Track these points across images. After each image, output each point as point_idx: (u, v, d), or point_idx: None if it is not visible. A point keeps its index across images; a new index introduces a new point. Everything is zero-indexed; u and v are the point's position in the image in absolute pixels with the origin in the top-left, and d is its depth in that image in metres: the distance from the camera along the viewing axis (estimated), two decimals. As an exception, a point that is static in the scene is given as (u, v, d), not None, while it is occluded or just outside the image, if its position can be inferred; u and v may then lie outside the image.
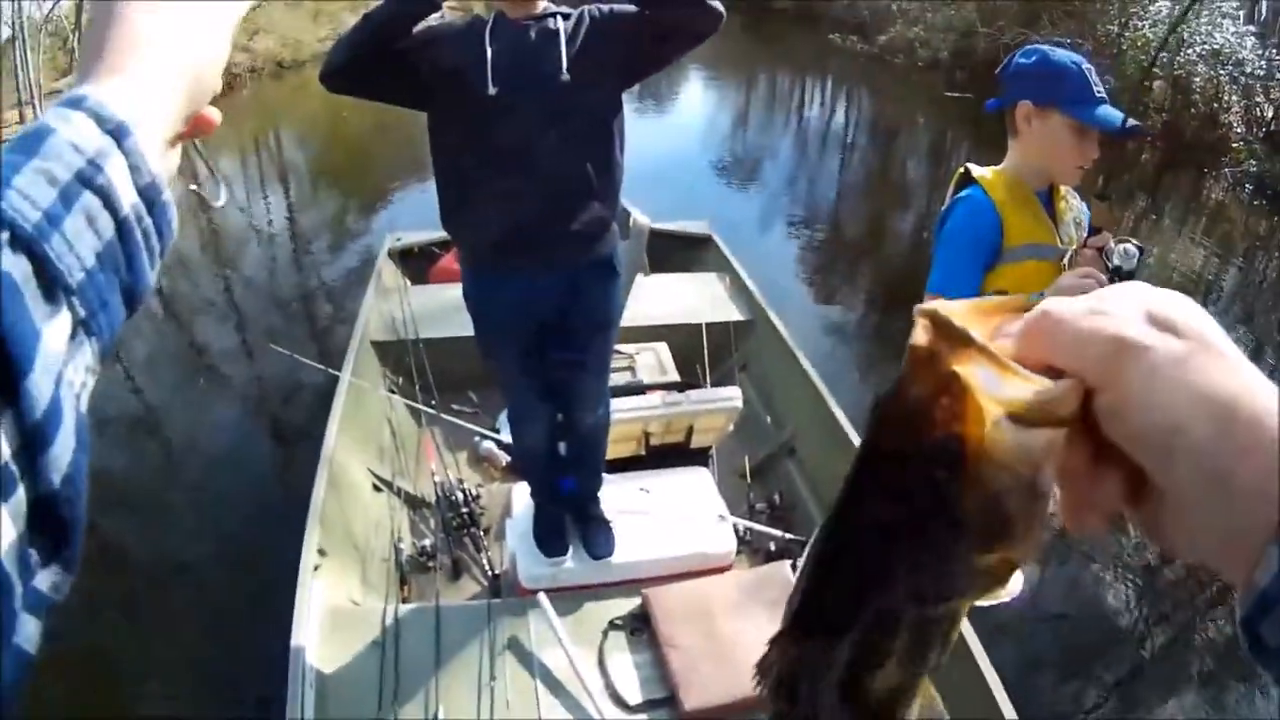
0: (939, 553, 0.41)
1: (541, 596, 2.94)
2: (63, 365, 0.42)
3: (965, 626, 2.67)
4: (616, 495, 3.30)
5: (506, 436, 3.87)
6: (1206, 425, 0.37)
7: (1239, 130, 12.15)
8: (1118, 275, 2.07)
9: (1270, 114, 12.09)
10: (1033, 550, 0.42)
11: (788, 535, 3.39)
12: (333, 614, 2.94)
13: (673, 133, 13.81)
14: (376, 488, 3.87)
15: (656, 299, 4.88)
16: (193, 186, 0.70)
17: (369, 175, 12.26)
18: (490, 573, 3.40)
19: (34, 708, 3.50)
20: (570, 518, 3.21)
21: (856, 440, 3.54)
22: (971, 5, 17.57)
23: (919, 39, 18.05)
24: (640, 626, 2.91)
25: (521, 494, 3.36)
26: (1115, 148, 2.20)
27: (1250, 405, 0.37)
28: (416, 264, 5.85)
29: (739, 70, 19.14)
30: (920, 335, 0.41)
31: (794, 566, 3.04)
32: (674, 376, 4.20)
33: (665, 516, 3.27)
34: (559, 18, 2.49)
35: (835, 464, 3.60)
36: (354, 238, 9.79)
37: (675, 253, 5.80)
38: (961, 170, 2.26)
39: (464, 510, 3.64)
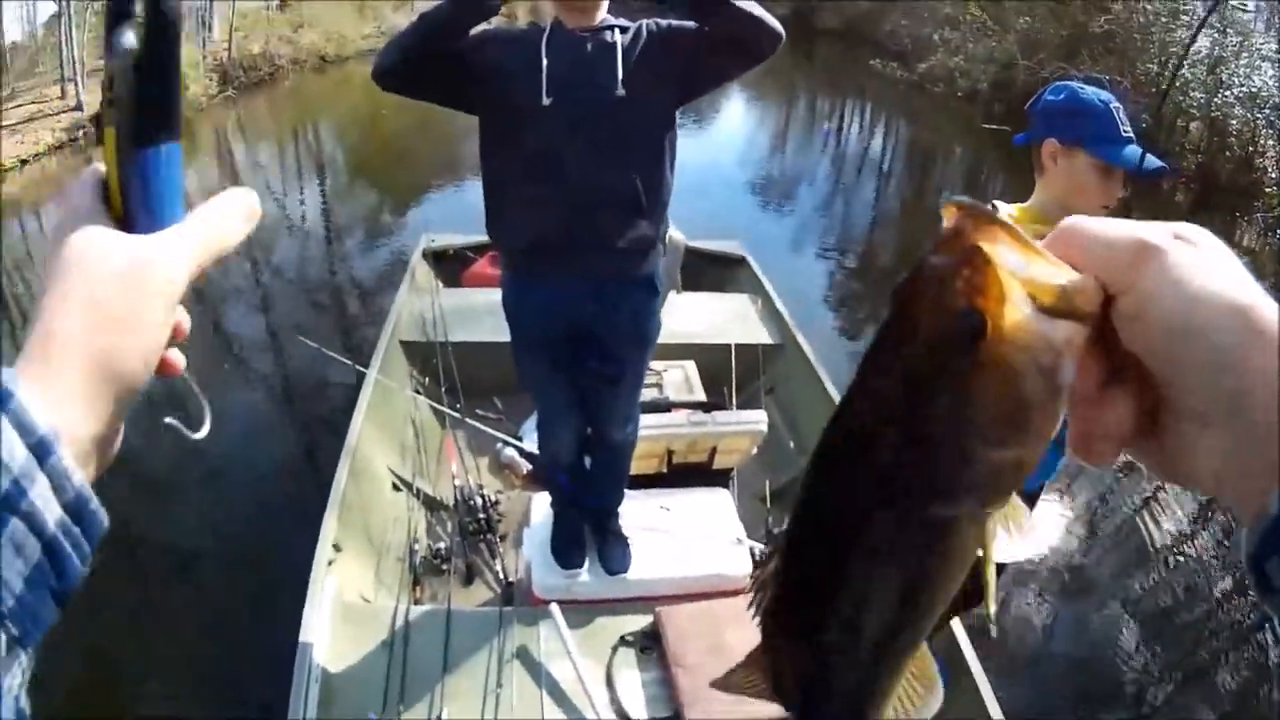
0: (949, 443, 0.41)
1: (554, 607, 2.93)
2: None
3: (959, 633, 2.64)
4: (636, 511, 3.29)
5: (529, 445, 3.89)
6: (1223, 333, 0.38)
7: (1274, 175, 12.08)
8: None
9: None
10: (1040, 453, 0.42)
11: None
12: (344, 609, 2.95)
13: (711, 149, 13.78)
14: (396, 487, 3.88)
15: (687, 317, 4.87)
16: (169, 420, 0.67)
17: (404, 174, 12.32)
18: (503, 580, 3.39)
19: (35, 700, 3.54)
20: (589, 531, 3.21)
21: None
22: (1012, 37, 17.58)
23: (959, 69, 18.03)
24: (650, 644, 2.90)
25: (541, 504, 3.36)
26: (1147, 187, 2.21)
27: (1266, 319, 0.38)
28: (450, 266, 5.89)
29: (780, 90, 19.18)
30: (948, 218, 0.41)
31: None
32: (700, 396, 4.20)
33: (683, 536, 3.26)
34: (616, 30, 2.46)
35: None
36: (386, 235, 9.83)
37: (708, 271, 5.79)
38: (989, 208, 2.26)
39: (481, 516, 3.64)
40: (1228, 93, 12.74)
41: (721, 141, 14.88)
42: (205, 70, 19.24)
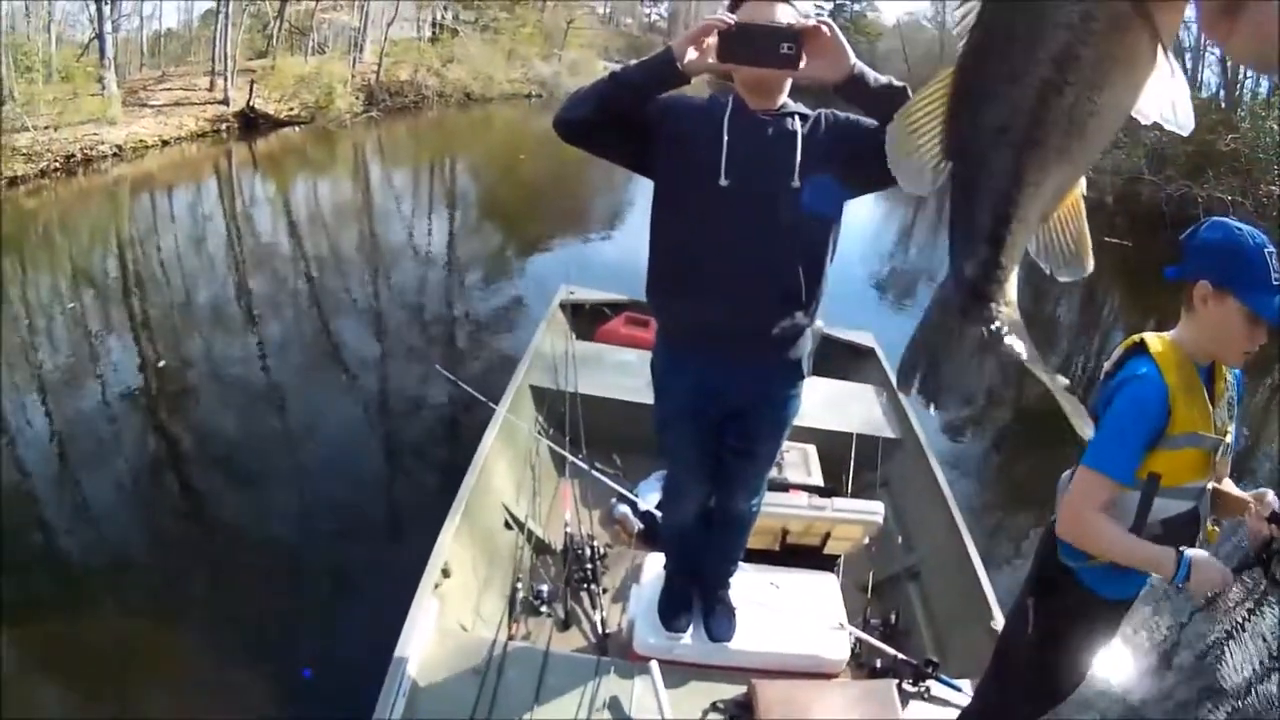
0: None
1: (653, 664, 2.97)
2: None
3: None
4: (745, 584, 3.34)
5: (644, 504, 3.98)
6: None
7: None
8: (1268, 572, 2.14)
9: None
10: None
11: (899, 655, 3.33)
12: (441, 634, 3.02)
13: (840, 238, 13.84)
14: (508, 524, 3.97)
15: (813, 402, 4.86)
16: None
17: (535, 221, 12.51)
18: (600, 631, 3.44)
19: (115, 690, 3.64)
20: (697, 596, 3.25)
21: (983, 577, 3.52)
22: (1141, 151, 17.35)
23: (1087, 178, 17.78)
24: (740, 714, 2.91)
25: (653, 564, 3.42)
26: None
27: None
28: (586, 320, 6.05)
29: (908, 186, 19.18)
30: None
31: (900, 687, 3.04)
32: (818, 480, 4.21)
33: (788, 614, 3.30)
34: (797, 118, 2.44)
35: (957, 596, 3.61)
36: (507, 277, 10.05)
37: (836, 359, 5.77)
38: (1136, 340, 2.21)
39: (588, 566, 3.69)
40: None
41: (849, 232, 14.91)
42: (352, 89, 20.03)
